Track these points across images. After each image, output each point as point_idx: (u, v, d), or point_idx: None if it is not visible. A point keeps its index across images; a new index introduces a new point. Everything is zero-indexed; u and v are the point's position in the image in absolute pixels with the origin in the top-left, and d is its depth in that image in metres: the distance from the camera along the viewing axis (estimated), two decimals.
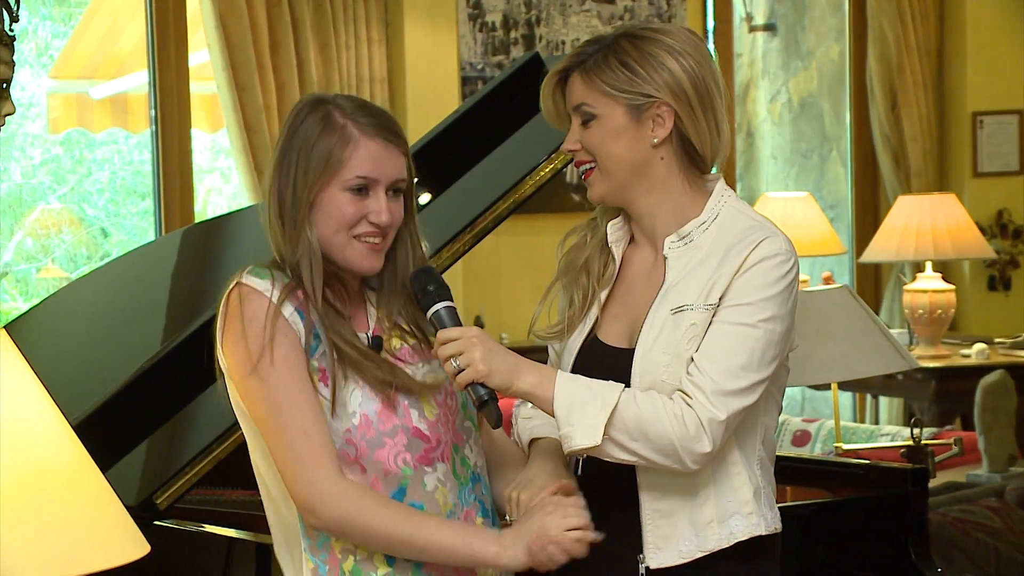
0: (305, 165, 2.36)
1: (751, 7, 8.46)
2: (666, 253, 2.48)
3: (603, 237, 2.57)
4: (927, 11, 7.87)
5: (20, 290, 6.90)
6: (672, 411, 2.36)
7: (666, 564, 2.45)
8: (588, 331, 2.53)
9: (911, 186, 7.80)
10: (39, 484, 1.91)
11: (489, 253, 6.80)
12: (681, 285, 2.44)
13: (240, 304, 2.34)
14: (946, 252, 6.89)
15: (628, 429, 2.35)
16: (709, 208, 2.49)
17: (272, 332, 2.31)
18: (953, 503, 4.29)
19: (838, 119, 8.29)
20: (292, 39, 6.49)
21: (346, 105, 2.40)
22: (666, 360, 2.40)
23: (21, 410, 1.95)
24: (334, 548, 2.36)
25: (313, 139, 2.36)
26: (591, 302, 2.54)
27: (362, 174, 2.36)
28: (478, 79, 7.04)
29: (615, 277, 2.55)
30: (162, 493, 3.15)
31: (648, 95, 2.44)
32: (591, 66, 2.47)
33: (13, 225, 6.84)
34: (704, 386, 2.36)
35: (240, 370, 2.34)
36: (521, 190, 3.34)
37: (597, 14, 7.32)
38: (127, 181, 7.03)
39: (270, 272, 2.37)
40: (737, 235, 2.45)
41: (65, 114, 6.97)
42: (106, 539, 1.96)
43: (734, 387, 2.37)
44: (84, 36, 6.99)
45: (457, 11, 7.05)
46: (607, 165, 2.48)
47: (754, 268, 2.41)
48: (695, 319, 2.40)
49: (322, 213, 2.37)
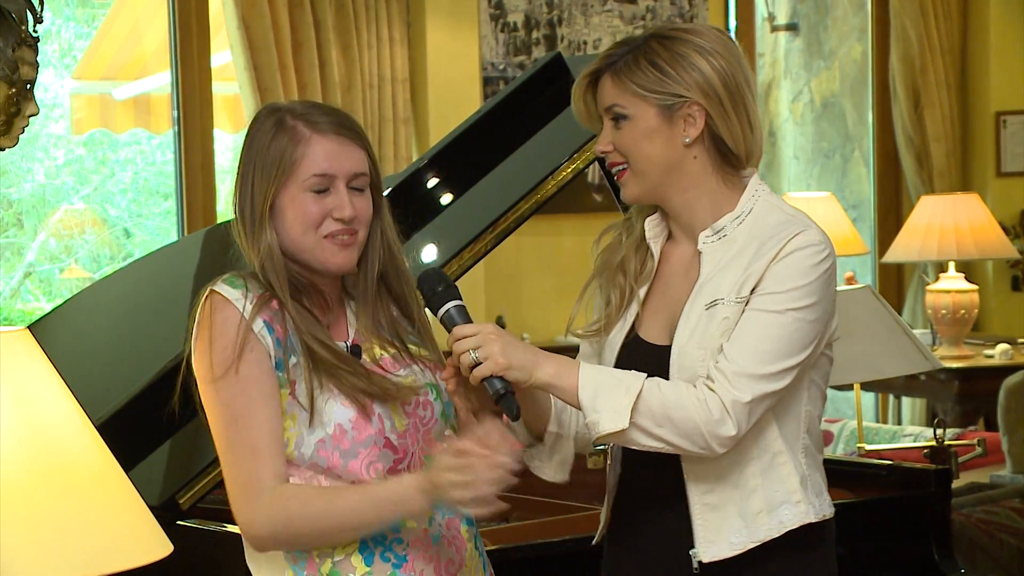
0: (261, 170, 2.36)
1: (773, 7, 8.44)
2: (700, 248, 2.50)
3: (639, 235, 2.58)
4: (950, 10, 7.85)
5: (43, 290, 6.92)
6: (696, 396, 2.37)
7: (719, 557, 2.46)
8: (629, 328, 2.54)
9: (934, 186, 7.77)
10: (63, 484, 1.92)
11: (511, 253, 6.80)
12: (716, 280, 2.46)
13: (211, 313, 2.34)
14: (969, 252, 6.87)
15: (653, 415, 2.36)
16: (743, 203, 2.50)
17: (241, 345, 2.31)
18: (976, 504, 4.28)
19: (860, 119, 8.27)
20: (314, 39, 6.49)
21: (297, 107, 2.41)
22: (701, 355, 2.42)
23: (45, 410, 1.96)
24: (312, 554, 2.35)
25: (267, 143, 2.37)
26: (629, 300, 2.55)
27: (318, 172, 2.36)
28: (499, 79, 7.04)
29: (654, 273, 2.56)
30: (185, 493, 3.16)
31: (679, 95, 2.46)
32: (621, 67, 2.48)
33: (37, 225, 6.87)
34: (726, 369, 2.38)
35: (204, 377, 2.35)
36: (543, 190, 3.34)
37: (619, 14, 7.31)
38: (150, 181, 7.04)
39: (244, 282, 2.36)
40: (771, 229, 2.46)
41: (88, 115, 6.99)
42: (129, 539, 1.97)
43: (759, 371, 2.38)
44: (107, 37, 7.01)
45: (479, 11, 7.05)
46: (640, 166, 2.49)
47: (787, 258, 2.42)
48: (727, 313, 2.42)
49: (286, 216, 2.36)
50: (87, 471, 1.96)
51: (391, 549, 2.36)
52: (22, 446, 1.90)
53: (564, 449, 2.55)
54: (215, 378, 2.32)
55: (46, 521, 1.89)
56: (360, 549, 2.35)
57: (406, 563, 2.35)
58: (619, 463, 2.59)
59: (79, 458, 1.96)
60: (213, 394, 2.34)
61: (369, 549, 2.35)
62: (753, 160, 2.52)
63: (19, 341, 1.97)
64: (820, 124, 8.46)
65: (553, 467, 2.55)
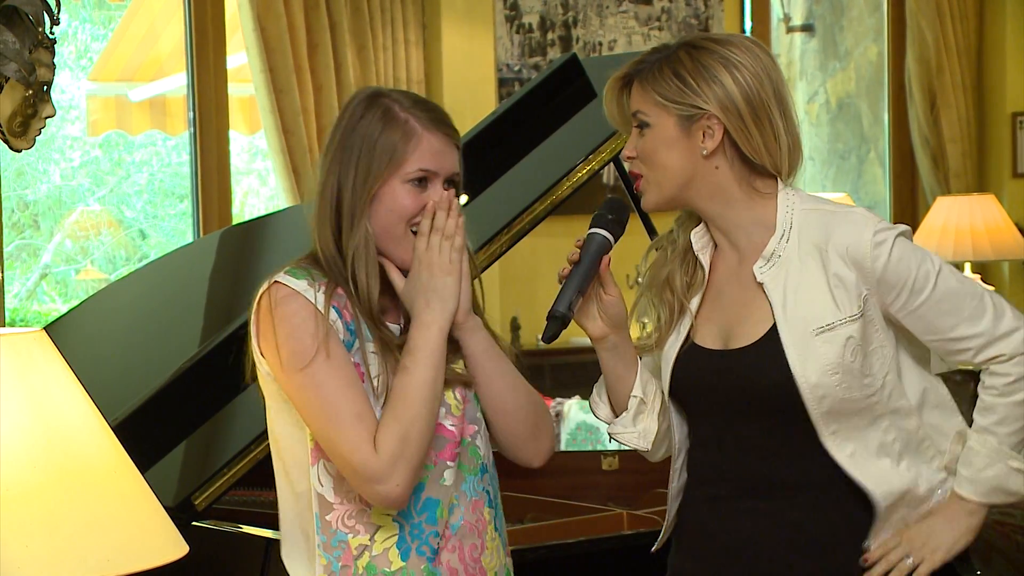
0: (368, 159, 2.39)
1: (789, 8, 8.43)
2: (760, 279, 2.48)
3: (685, 248, 2.58)
4: (966, 11, 7.83)
5: (59, 291, 6.94)
6: (1005, 392, 2.54)
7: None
8: (684, 338, 2.55)
9: (950, 187, 7.76)
10: (79, 484, 1.93)
11: (526, 255, 6.79)
12: (799, 304, 2.46)
13: (276, 304, 2.36)
14: (985, 253, 6.86)
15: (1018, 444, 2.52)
16: (781, 219, 2.50)
17: (324, 332, 2.33)
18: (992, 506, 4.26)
19: (876, 120, 8.26)
20: (330, 41, 6.50)
21: (404, 100, 2.44)
22: (838, 379, 2.43)
23: (61, 411, 1.96)
24: (350, 545, 2.38)
25: (376, 134, 2.40)
26: (680, 313, 2.56)
27: (424, 167, 2.40)
28: (515, 81, 7.04)
29: (705, 283, 2.57)
30: (200, 494, 3.16)
31: (697, 107, 2.45)
32: (647, 75, 2.49)
33: (53, 227, 6.88)
34: (983, 343, 2.51)
35: (288, 367, 2.35)
36: (558, 192, 3.34)
37: (634, 15, 7.31)
38: (165, 183, 7.06)
39: (308, 272, 2.39)
40: (820, 235, 2.47)
41: (104, 116, 7.01)
42: (145, 540, 1.97)
43: (1000, 322, 2.50)
44: (123, 39, 7.02)
45: (494, 13, 7.05)
46: (656, 175, 2.50)
47: (885, 258, 2.44)
48: (850, 332, 2.43)
49: (381, 206, 2.40)
50: (103, 472, 1.96)
51: (427, 543, 2.38)
52: (38, 447, 1.91)
53: (647, 418, 2.59)
54: (302, 367, 2.33)
55: (62, 522, 1.89)
56: (397, 544, 2.38)
57: (437, 555, 2.38)
58: (684, 469, 2.60)
59: (95, 459, 1.96)
60: (302, 380, 2.34)
61: (406, 544, 2.38)
62: (784, 173, 2.50)
63: (36, 342, 1.98)
64: (836, 125, 8.45)
65: (636, 435, 2.58)
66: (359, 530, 2.38)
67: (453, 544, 2.40)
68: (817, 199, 2.55)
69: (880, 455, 2.47)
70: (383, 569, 2.37)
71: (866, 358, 2.44)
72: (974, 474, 2.50)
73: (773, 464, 2.48)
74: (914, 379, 2.53)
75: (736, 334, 2.51)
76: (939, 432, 2.56)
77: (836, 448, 2.45)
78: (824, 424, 2.44)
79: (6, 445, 1.89)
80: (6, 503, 1.87)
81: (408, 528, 2.38)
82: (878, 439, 2.47)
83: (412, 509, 2.38)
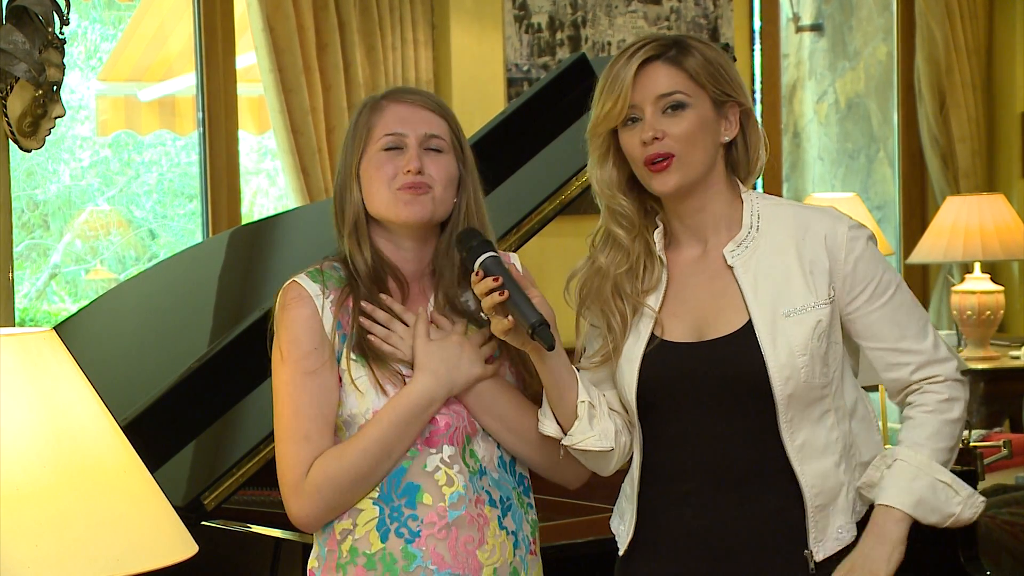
0: (349, 144, 2.59)
1: (798, 7, 8.42)
2: (731, 263, 2.54)
3: (642, 251, 2.59)
4: (976, 10, 7.82)
5: (69, 291, 6.94)
6: (937, 410, 2.55)
7: (830, 553, 2.54)
8: (648, 338, 2.56)
9: (959, 186, 7.74)
10: (89, 484, 1.93)
11: (535, 255, 6.78)
12: (770, 288, 2.52)
13: (286, 305, 2.53)
14: (995, 253, 6.84)
15: (948, 460, 2.55)
16: (748, 212, 2.58)
17: (316, 343, 2.50)
18: (1002, 506, 4.27)
19: (885, 120, 8.24)
20: (339, 41, 6.50)
21: (388, 90, 2.61)
22: (804, 361, 2.48)
23: (71, 411, 1.96)
24: (335, 530, 2.51)
25: (354, 122, 2.58)
26: (637, 316, 2.57)
27: (390, 131, 2.54)
28: (524, 80, 7.03)
29: (665, 280, 2.59)
30: (210, 494, 3.17)
31: (728, 94, 2.54)
32: (680, 57, 2.53)
33: (62, 227, 6.89)
34: (922, 361, 2.54)
35: (275, 362, 2.52)
36: (567, 191, 3.34)
37: (643, 15, 7.31)
38: (174, 183, 7.06)
39: (324, 277, 2.54)
40: (794, 225, 2.55)
41: (113, 116, 7.01)
42: (154, 539, 1.97)
43: (939, 348, 2.57)
44: (132, 39, 7.03)
45: (503, 12, 7.05)
46: (693, 155, 2.53)
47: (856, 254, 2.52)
48: (820, 316, 2.49)
49: (364, 176, 2.55)
50: (112, 472, 1.97)
51: (406, 525, 2.47)
52: (48, 447, 1.91)
53: (602, 420, 2.58)
54: (284, 369, 2.51)
55: (72, 521, 1.90)
56: (377, 526, 2.48)
57: (418, 538, 2.47)
58: (640, 473, 2.62)
59: (104, 459, 1.96)
60: (280, 380, 2.52)
61: (386, 526, 2.47)
62: (754, 176, 2.61)
63: (45, 342, 1.98)
64: (845, 125, 8.44)
65: (596, 436, 2.57)
66: (342, 515, 2.50)
67: (446, 531, 2.48)
68: (779, 199, 2.65)
69: (825, 453, 2.52)
70: (364, 551, 2.48)
71: (829, 347, 2.51)
72: (904, 484, 2.52)
73: (739, 454, 2.52)
74: (850, 386, 2.59)
75: (711, 325, 2.54)
76: (863, 442, 2.60)
77: (789, 437, 2.50)
78: (784, 410, 2.48)
79: (16, 445, 1.90)
80: (16, 503, 1.87)
81: (388, 511, 2.48)
82: (824, 436, 2.52)
83: (392, 492, 2.48)
